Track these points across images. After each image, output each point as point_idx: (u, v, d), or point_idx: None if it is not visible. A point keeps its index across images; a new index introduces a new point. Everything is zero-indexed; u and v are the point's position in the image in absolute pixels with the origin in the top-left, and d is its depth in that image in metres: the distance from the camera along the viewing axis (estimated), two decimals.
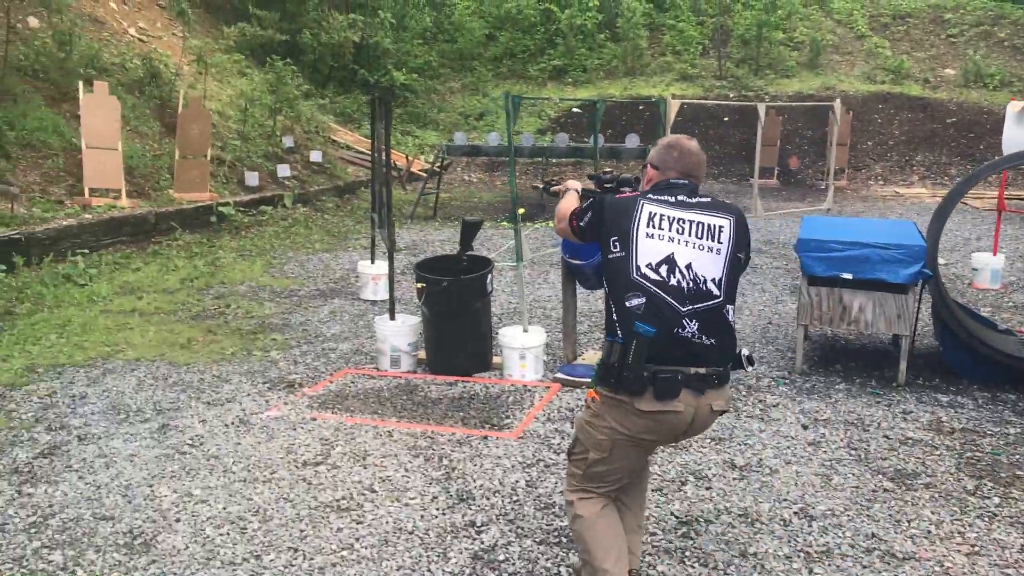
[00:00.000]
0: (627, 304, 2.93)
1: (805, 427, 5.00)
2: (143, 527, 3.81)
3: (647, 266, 2.94)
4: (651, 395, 2.86)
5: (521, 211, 5.96)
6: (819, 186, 17.75)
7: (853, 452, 4.65)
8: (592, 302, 7.84)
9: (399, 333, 5.91)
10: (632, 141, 13.69)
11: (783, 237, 11.70)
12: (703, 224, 3.01)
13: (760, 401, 5.43)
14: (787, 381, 5.82)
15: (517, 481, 4.26)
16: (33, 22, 12.76)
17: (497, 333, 6.02)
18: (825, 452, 4.65)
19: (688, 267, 2.95)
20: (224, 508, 3.98)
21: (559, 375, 5.74)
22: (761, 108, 7.75)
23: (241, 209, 11.88)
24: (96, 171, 10.43)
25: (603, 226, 3.08)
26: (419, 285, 5.86)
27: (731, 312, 3.00)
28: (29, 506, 4.02)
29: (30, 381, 5.76)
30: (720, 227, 3.01)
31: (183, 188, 11.58)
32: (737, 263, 3.01)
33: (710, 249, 2.97)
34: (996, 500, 4.10)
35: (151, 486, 4.22)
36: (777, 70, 22.10)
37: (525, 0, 23.25)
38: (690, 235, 2.99)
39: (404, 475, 4.32)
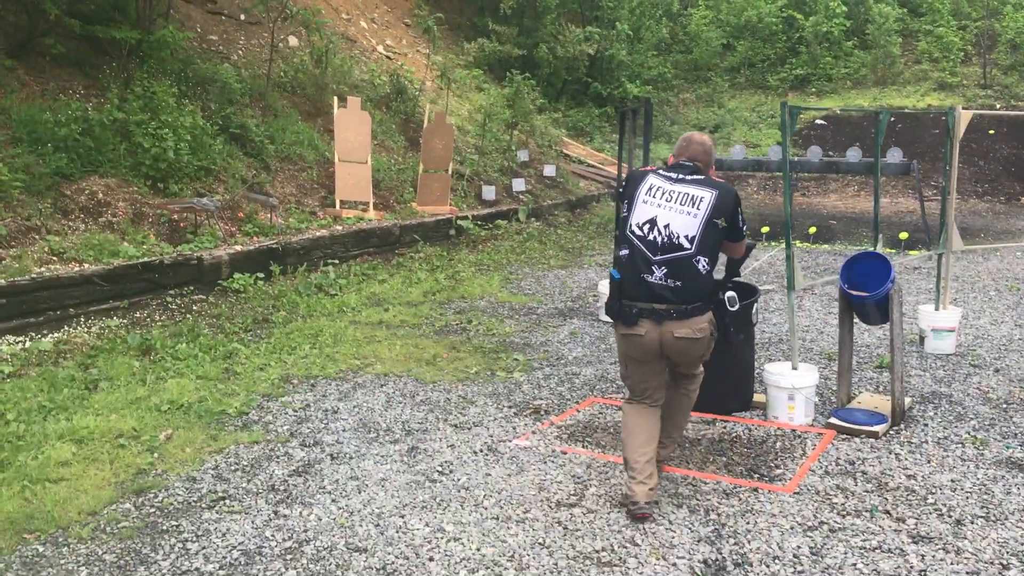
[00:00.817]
0: (619, 253, 4.10)
1: None
2: (396, 564, 3.62)
3: (636, 224, 4.01)
4: (621, 322, 4.05)
5: (812, 229, 5.43)
6: None
7: None
8: (867, 336, 7.09)
9: None
10: (894, 156, 12.57)
11: None
12: (687, 194, 3.98)
13: None
14: None
15: (799, 547, 3.73)
16: (293, 41, 13.49)
17: (763, 368, 5.48)
18: None
19: (666, 226, 3.95)
20: (478, 549, 3.73)
21: (833, 420, 5.12)
22: None
23: (478, 223, 11.94)
24: (347, 184, 10.78)
25: (624, 191, 4.20)
26: None
27: (702, 263, 3.93)
28: (285, 529, 3.95)
29: (286, 392, 5.85)
30: (701, 197, 3.96)
31: (425, 201, 11.78)
32: (714, 227, 3.93)
33: (688, 213, 3.94)
34: None
35: (403, 516, 4.05)
36: None
37: (767, 7, 22.23)
38: (673, 202, 3.97)
39: (668, 528, 3.91)
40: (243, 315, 7.66)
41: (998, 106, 18.75)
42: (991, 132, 18.22)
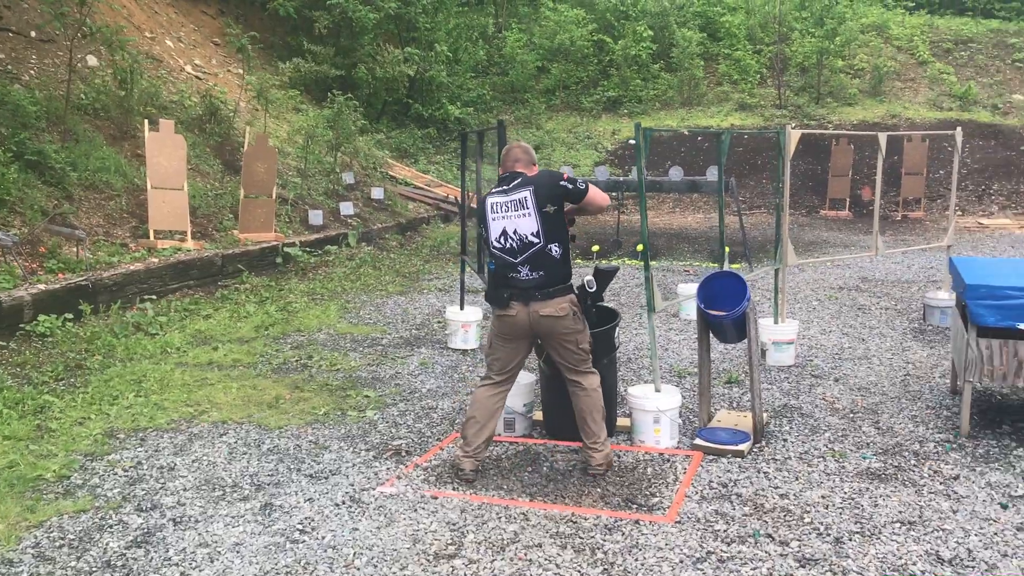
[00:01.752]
0: (488, 264, 4.76)
1: (1004, 507, 4.31)
2: None
3: (495, 239, 4.62)
4: (496, 306, 4.65)
5: (640, 247, 5.41)
6: (893, 217, 17.02)
7: None
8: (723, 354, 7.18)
9: (514, 393, 5.30)
10: (712, 174, 13.07)
11: (878, 274, 10.99)
12: (515, 200, 4.56)
13: (936, 472, 4.74)
14: (955, 446, 5.13)
15: None
16: (92, 61, 12.47)
17: (626, 392, 5.39)
18: None
19: (515, 232, 4.55)
20: None
21: (699, 441, 5.10)
22: (882, 137, 7.13)
23: (307, 249, 11.41)
24: (161, 212, 10.01)
25: (477, 218, 4.88)
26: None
27: (554, 248, 4.55)
28: None
29: (111, 449, 5.23)
30: (524, 198, 4.54)
31: (248, 228, 11.14)
32: (547, 214, 4.51)
33: (523, 215, 4.53)
34: None
35: None
36: (839, 98, 21.44)
37: (578, 31, 22.80)
38: (510, 210, 4.56)
39: (556, 573, 3.70)
40: (52, 362, 6.87)
41: (792, 124, 20.03)
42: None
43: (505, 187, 4.61)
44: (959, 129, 8.14)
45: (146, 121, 10.56)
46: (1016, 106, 21.12)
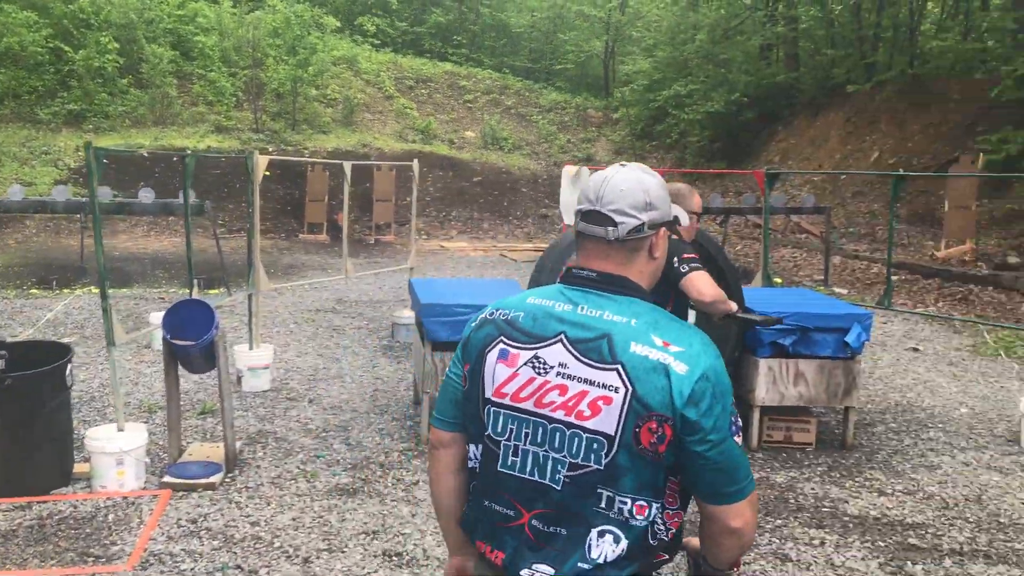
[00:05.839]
0: None
1: None
2: None
3: None
4: None
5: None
6: (367, 241, 18.07)
7: None
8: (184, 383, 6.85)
9: None
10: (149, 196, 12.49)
11: (353, 295, 11.55)
12: None
13: (399, 480, 5.07)
14: (416, 453, 5.54)
15: None
16: None
17: (85, 436, 4.90)
18: None
19: None
20: None
21: (168, 478, 4.82)
22: (347, 166, 7.51)
23: None
24: None
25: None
26: None
27: None
28: None
29: None
30: None
31: None
32: None
33: None
34: None
35: None
36: (314, 125, 22.21)
37: (30, 35, 20.52)
38: None
39: None
40: None
41: (270, 149, 20.25)
42: (267, 173, 19.57)
43: None
44: (416, 161, 8.90)
45: None
46: (468, 141, 23.84)
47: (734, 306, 4.03)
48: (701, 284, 3.87)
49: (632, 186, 1.81)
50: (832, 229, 14.39)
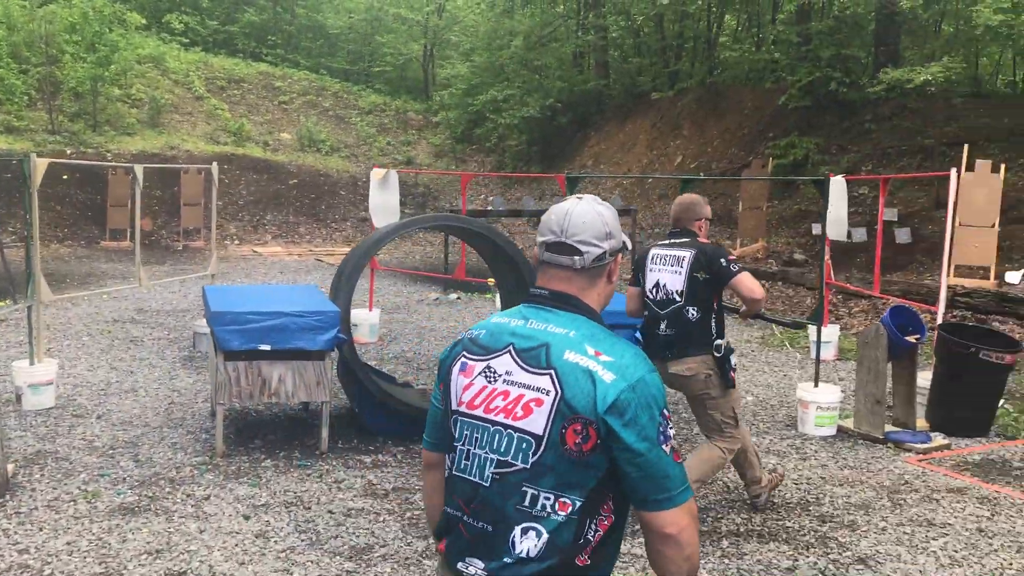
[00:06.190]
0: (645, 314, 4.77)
1: (247, 517, 4.63)
2: None
3: (649, 289, 4.72)
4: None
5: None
6: (175, 247, 17.34)
7: (304, 536, 4.43)
8: None
9: None
10: None
11: (155, 304, 11.05)
12: (673, 255, 4.65)
13: (189, 496, 4.90)
14: (210, 467, 5.38)
15: None
16: None
17: None
18: (276, 542, 4.35)
19: (664, 285, 4.64)
20: None
21: None
22: (139, 169, 7.21)
23: None
24: None
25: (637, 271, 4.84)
26: None
27: (692, 311, 4.55)
28: None
29: None
30: (683, 256, 4.61)
31: None
32: (696, 279, 4.54)
33: (676, 272, 4.60)
34: None
35: None
36: (117, 127, 21.07)
37: None
38: (665, 264, 4.66)
39: None
40: None
41: (69, 151, 19.07)
42: (64, 177, 18.43)
43: (671, 240, 4.73)
44: (215, 164, 8.62)
45: None
46: (284, 143, 23.29)
47: None
48: (751, 282, 4.54)
49: (593, 218, 1.94)
50: (640, 230, 15.04)
